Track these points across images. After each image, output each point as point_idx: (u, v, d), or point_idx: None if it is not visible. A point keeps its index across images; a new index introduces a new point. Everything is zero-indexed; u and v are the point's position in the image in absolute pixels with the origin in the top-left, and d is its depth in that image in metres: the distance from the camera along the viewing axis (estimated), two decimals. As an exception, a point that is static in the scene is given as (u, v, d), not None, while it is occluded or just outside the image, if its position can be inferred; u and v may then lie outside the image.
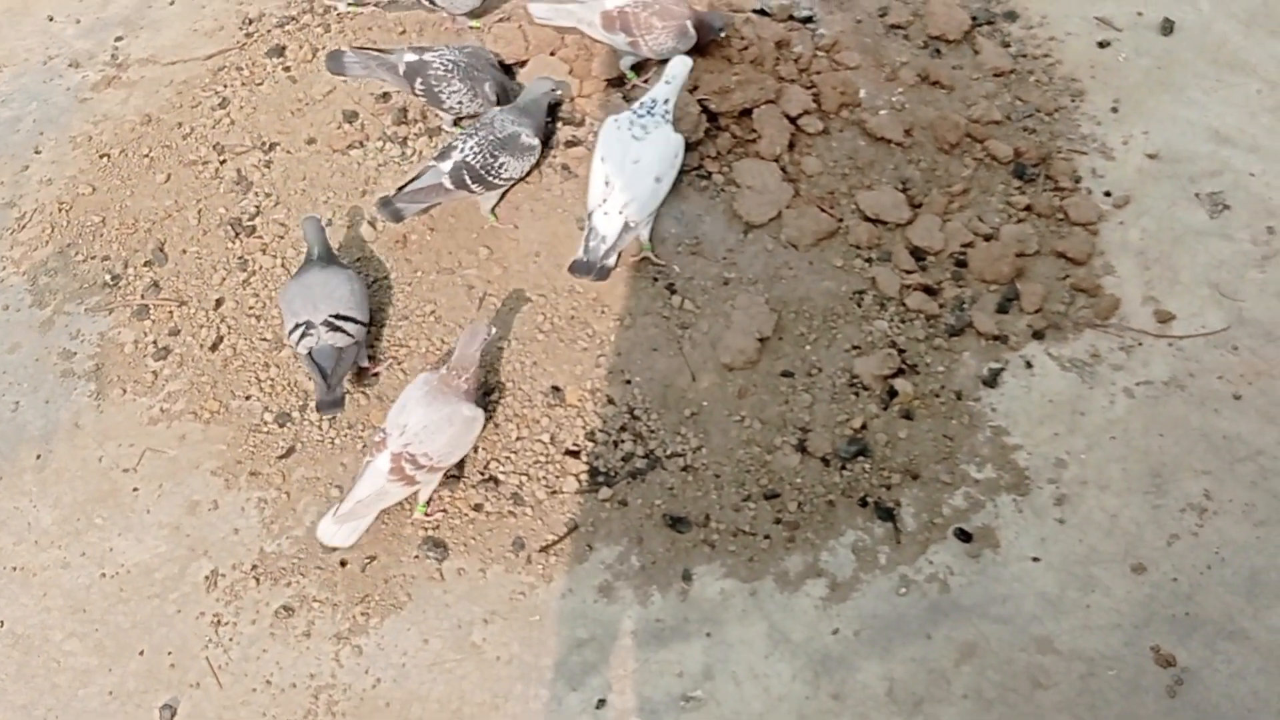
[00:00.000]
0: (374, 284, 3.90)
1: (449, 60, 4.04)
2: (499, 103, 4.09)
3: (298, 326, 3.56)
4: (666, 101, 3.82)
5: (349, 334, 3.57)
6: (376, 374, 3.72)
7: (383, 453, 3.22)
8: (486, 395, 3.61)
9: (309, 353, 3.54)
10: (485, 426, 3.45)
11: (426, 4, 4.48)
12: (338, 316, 3.56)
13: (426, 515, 3.40)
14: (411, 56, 4.06)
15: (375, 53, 4.13)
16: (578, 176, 4.01)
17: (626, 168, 3.70)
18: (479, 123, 3.92)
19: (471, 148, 3.79)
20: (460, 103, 4.07)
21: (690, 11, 4.12)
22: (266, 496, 3.51)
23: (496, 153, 3.79)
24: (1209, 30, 4.83)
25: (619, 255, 3.76)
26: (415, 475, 3.23)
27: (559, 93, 4.09)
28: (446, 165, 3.78)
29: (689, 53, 4.08)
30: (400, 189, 3.82)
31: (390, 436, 3.24)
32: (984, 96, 4.42)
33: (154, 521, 3.47)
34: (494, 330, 3.47)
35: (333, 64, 4.13)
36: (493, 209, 3.96)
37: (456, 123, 4.18)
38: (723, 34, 4.18)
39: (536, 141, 3.90)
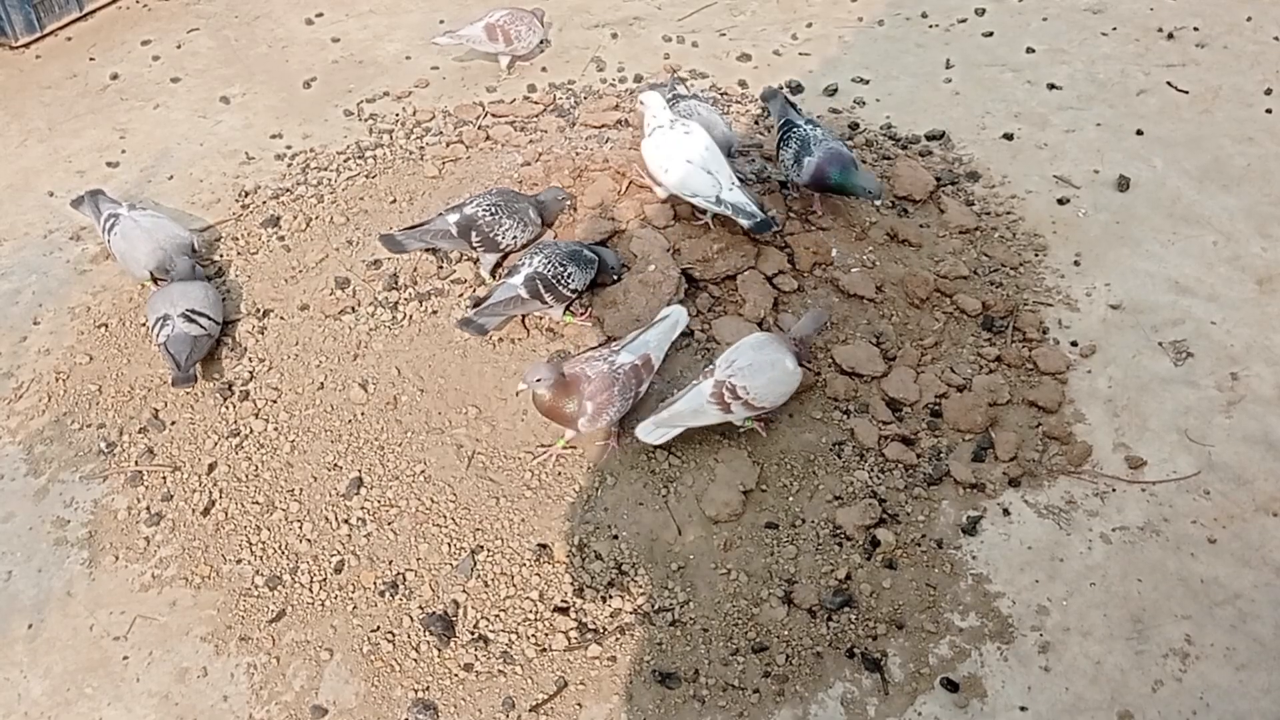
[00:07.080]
0: (363, 444, 3.98)
1: (489, 204, 4.29)
2: (542, 222, 4.39)
3: (158, 320, 4.24)
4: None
5: (202, 326, 4.24)
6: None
7: (708, 379, 3.73)
8: (475, 554, 3.66)
9: (165, 340, 4.19)
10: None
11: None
12: (193, 311, 4.25)
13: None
14: (454, 216, 4.29)
15: (419, 226, 4.36)
16: (562, 337, 4.15)
17: None
18: (538, 246, 4.19)
19: (540, 262, 4.05)
20: (515, 237, 4.33)
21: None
22: (256, 662, 3.51)
23: (565, 263, 4.05)
24: (1163, 186, 5.07)
25: None
26: (731, 405, 3.69)
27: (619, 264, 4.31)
28: (518, 279, 4.03)
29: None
30: (476, 305, 4.10)
31: (718, 369, 3.74)
32: (951, 253, 4.61)
33: (143, 690, 3.46)
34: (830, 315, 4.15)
35: (389, 244, 4.36)
36: (566, 309, 4.18)
37: (493, 273, 4.40)
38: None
39: (594, 256, 4.17)
